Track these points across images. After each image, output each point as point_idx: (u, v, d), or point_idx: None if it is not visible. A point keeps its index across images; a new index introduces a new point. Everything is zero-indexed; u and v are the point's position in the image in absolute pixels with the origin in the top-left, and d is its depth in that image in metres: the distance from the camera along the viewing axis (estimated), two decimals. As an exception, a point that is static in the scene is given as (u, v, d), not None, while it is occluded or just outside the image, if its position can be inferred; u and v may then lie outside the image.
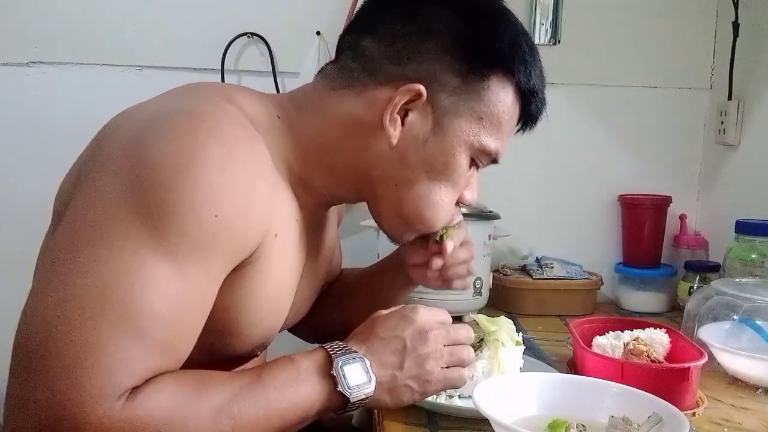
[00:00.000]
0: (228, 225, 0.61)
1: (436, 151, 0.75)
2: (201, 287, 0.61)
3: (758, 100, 1.32)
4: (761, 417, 0.84)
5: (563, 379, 0.78)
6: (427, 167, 0.75)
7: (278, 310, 0.76)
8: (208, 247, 0.60)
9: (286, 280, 0.75)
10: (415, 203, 0.77)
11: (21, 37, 1.39)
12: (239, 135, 0.64)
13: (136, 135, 0.62)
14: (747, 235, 1.18)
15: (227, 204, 0.60)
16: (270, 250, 0.68)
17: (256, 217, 0.64)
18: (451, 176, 0.76)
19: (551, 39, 1.41)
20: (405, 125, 0.74)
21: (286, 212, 0.73)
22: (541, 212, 1.49)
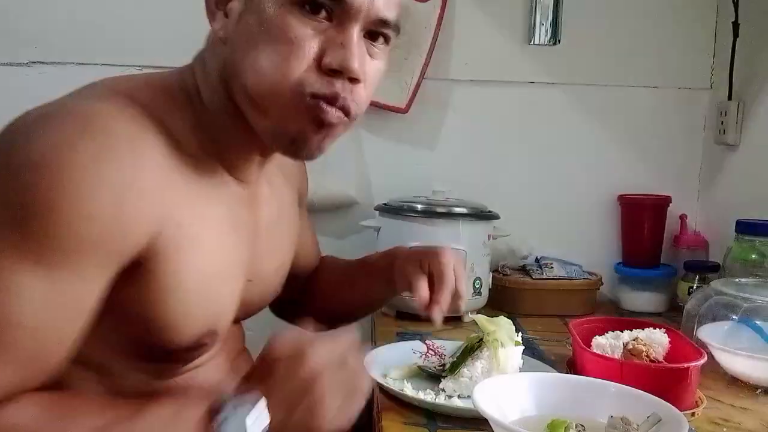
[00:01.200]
0: (99, 224, 0.58)
1: (252, 16, 0.66)
2: (74, 291, 0.59)
3: (758, 100, 1.32)
4: (760, 417, 0.84)
5: (562, 379, 0.78)
6: (248, 37, 0.66)
7: (215, 297, 0.71)
8: (77, 248, 0.58)
9: (217, 264, 0.71)
10: (250, 78, 0.66)
11: (21, 37, 1.39)
12: (118, 129, 0.61)
13: (6, 135, 0.61)
14: (747, 235, 1.18)
15: (96, 203, 0.58)
16: (175, 240, 0.65)
17: (138, 215, 0.61)
18: (273, 31, 0.65)
19: (551, 39, 1.41)
20: (228, 15, 0.68)
21: (198, 197, 0.69)
22: (541, 212, 1.49)
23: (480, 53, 1.46)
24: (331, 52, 0.65)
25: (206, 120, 0.71)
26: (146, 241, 0.63)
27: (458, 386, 0.84)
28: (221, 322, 0.74)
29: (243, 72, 0.67)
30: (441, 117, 1.48)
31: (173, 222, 0.65)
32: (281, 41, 0.65)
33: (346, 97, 0.67)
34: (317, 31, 0.65)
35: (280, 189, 0.86)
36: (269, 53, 0.65)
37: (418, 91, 1.42)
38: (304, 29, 0.65)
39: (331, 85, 0.66)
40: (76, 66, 1.40)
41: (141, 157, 0.62)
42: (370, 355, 0.92)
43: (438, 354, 0.97)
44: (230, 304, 0.75)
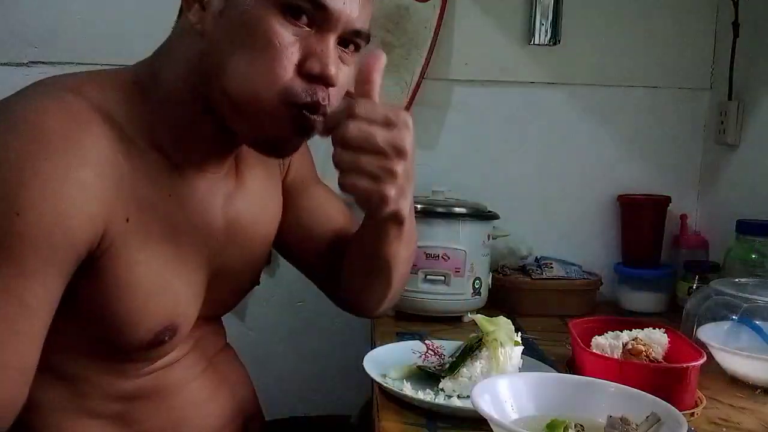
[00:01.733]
0: (36, 222, 0.58)
1: (234, 16, 0.66)
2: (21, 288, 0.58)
3: (758, 100, 1.32)
4: (760, 417, 0.84)
5: (562, 379, 0.78)
6: (231, 38, 0.66)
7: (169, 291, 0.70)
8: (16, 244, 0.57)
9: (170, 259, 0.70)
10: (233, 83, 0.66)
11: (21, 37, 1.39)
12: (52, 125, 0.60)
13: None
14: (747, 235, 1.18)
15: (30, 200, 0.58)
16: (123, 235, 0.65)
17: (79, 210, 0.60)
18: (255, 37, 0.65)
19: (551, 39, 1.41)
20: (205, 8, 0.67)
21: (146, 191, 0.68)
22: (541, 212, 1.49)
23: (480, 53, 1.46)
24: (312, 58, 0.66)
25: (164, 113, 0.71)
26: (92, 236, 0.62)
27: (458, 386, 0.84)
28: (181, 317, 0.73)
29: (224, 74, 0.66)
30: (441, 117, 1.48)
31: (120, 217, 0.65)
32: (266, 47, 0.65)
33: (326, 105, 0.68)
34: (298, 36, 0.66)
35: (254, 180, 0.83)
36: (254, 59, 0.65)
37: (418, 91, 1.42)
38: (287, 35, 0.66)
39: (314, 94, 0.67)
40: (76, 66, 1.40)
41: (78, 152, 0.61)
42: (369, 355, 0.92)
43: (437, 354, 0.97)
44: (190, 298, 0.74)
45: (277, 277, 1.47)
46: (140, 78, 0.71)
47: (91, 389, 0.70)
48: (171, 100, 0.70)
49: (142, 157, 0.68)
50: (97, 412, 0.71)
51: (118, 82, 0.70)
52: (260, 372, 0.97)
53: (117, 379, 0.72)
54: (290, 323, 1.52)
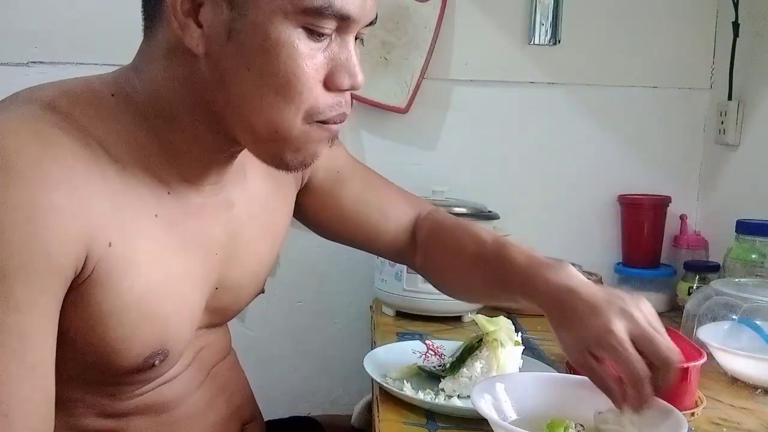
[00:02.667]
0: (16, 251, 0.53)
1: (247, 39, 0.59)
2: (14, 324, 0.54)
3: (758, 100, 1.32)
4: (760, 417, 0.84)
5: (562, 379, 0.78)
6: (247, 63, 0.60)
7: (160, 316, 0.66)
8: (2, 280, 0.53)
9: (161, 283, 0.65)
10: (255, 113, 0.62)
11: (21, 37, 1.39)
12: (19, 147, 0.55)
13: None
14: (747, 235, 1.18)
15: (6, 229, 0.53)
16: (107, 261, 0.60)
17: (57, 235, 0.55)
18: (279, 62, 0.60)
19: (551, 39, 1.41)
20: (203, 27, 0.60)
21: (128, 212, 0.62)
22: (541, 212, 1.50)
23: (480, 53, 1.46)
24: (340, 72, 0.63)
25: (153, 130, 0.65)
26: (75, 260, 0.58)
27: (458, 386, 0.84)
28: (172, 340, 0.68)
29: (245, 105, 0.62)
30: (441, 117, 1.48)
31: (101, 242, 0.59)
32: (294, 73, 0.60)
33: (348, 110, 0.65)
34: (322, 50, 0.62)
35: (252, 186, 0.78)
36: (280, 90, 0.60)
37: (418, 91, 1.42)
38: (314, 55, 0.61)
39: (339, 106, 0.64)
40: (76, 66, 1.40)
41: (48, 175, 0.56)
42: (369, 355, 0.92)
43: (437, 354, 0.97)
44: (183, 320, 0.70)
45: (277, 277, 1.47)
46: (121, 90, 0.65)
47: (84, 409, 0.68)
48: (163, 117, 0.65)
49: (122, 175, 0.62)
50: (89, 429, 0.69)
51: (94, 95, 0.64)
52: (260, 372, 0.97)
53: (111, 400, 0.69)
54: (290, 323, 1.52)
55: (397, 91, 1.41)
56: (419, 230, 0.91)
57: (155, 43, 0.65)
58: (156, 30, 0.64)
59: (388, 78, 1.40)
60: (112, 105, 0.64)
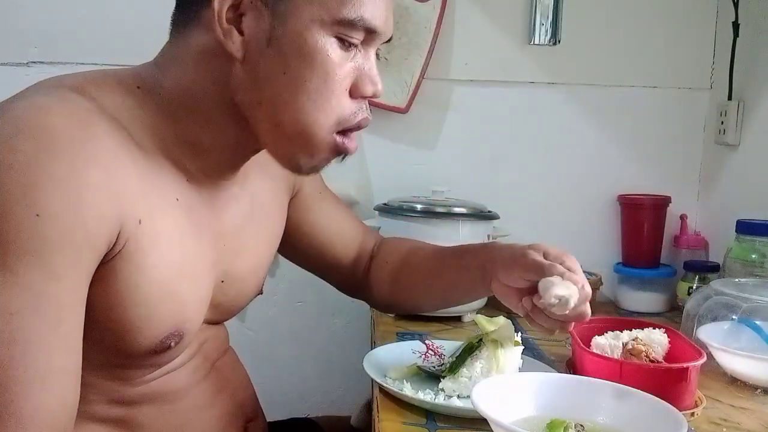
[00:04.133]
0: (57, 223, 0.56)
1: (285, 45, 0.65)
2: (51, 294, 0.57)
3: (758, 100, 1.32)
4: (760, 417, 0.84)
5: (562, 379, 0.78)
6: (284, 68, 0.66)
7: (178, 296, 0.69)
8: (42, 249, 0.56)
9: (177, 264, 0.69)
10: (286, 114, 0.67)
11: (21, 37, 1.39)
12: (58, 125, 0.59)
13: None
14: (747, 235, 1.18)
15: (47, 202, 0.56)
16: (136, 237, 0.63)
17: (95, 209, 0.59)
18: (314, 68, 0.66)
19: (551, 39, 1.41)
20: (244, 34, 0.66)
21: (155, 194, 0.67)
22: (541, 212, 1.50)
23: (480, 53, 1.46)
24: (363, 80, 0.69)
25: (172, 119, 0.69)
26: (109, 236, 0.61)
27: (458, 386, 0.84)
28: (187, 323, 0.72)
29: (278, 106, 0.67)
30: (441, 117, 1.48)
31: (133, 219, 0.63)
32: (326, 80, 0.66)
33: (369, 115, 0.72)
34: (350, 59, 0.68)
35: (255, 186, 0.83)
36: (312, 92, 0.66)
37: (418, 91, 1.42)
38: (344, 64, 0.67)
39: (362, 113, 0.70)
40: (76, 66, 1.40)
41: (85, 151, 0.59)
42: (369, 355, 0.92)
43: (437, 354, 0.97)
44: (197, 304, 0.73)
45: (277, 277, 1.47)
46: (145, 84, 0.70)
47: (95, 394, 0.70)
48: (190, 113, 0.69)
49: (147, 160, 0.67)
50: (100, 416, 0.71)
51: (119, 85, 0.69)
52: (260, 372, 0.97)
53: (121, 385, 0.71)
54: (290, 323, 1.52)
55: (397, 91, 1.41)
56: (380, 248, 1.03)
57: (186, 44, 0.69)
58: (189, 33, 0.69)
59: (388, 78, 1.40)
60: (138, 96, 0.69)
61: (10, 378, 0.55)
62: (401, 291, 1.00)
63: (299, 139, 0.69)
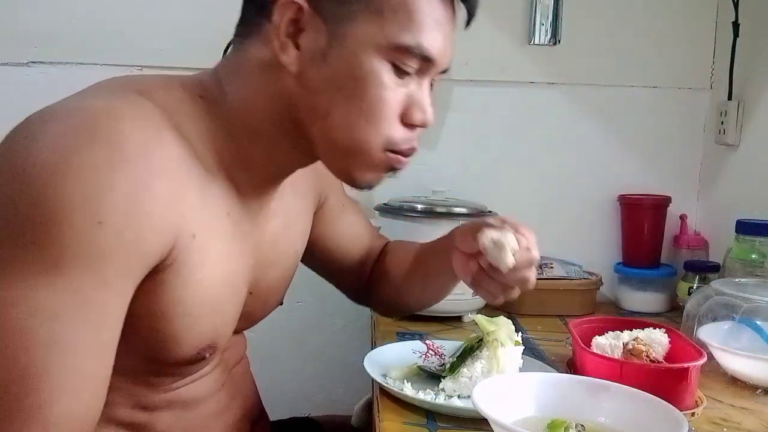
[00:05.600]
0: (116, 232, 0.56)
1: (340, 65, 0.65)
2: (98, 301, 0.56)
3: (758, 100, 1.32)
4: (760, 417, 0.84)
5: (562, 379, 0.78)
6: (338, 87, 0.66)
7: (219, 310, 0.70)
8: (95, 256, 0.55)
9: (223, 279, 0.69)
10: (339, 131, 0.68)
11: (21, 37, 1.39)
12: (130, 132, 0.58)
13: (13, 140, 0.58)
14: (747, 235, 1.18)
15: (110, 210, 0.55)
16: (188, 251, 0.63)
17: (154, 221, 0.58)
18: (367, 90, 0.66)
19: (551, 39, 1.41)
20: (301, 49, 0.65)
21: (209, 208, 0.67)
22: (541, 212, 1.49)
23: (480, 53, 1.46)
24: (414, 108, 0.69)
25: (229, 132, 0.69)
26: (163, 249, 0.61)
27: (458, 386, 0.84)
28: (221, 335, 0.72)
29: (330, 122, 0.67)
30: (441, 117, 1.48)
31: (187, 232, 0.63)
32: (378, 102, 0.67)
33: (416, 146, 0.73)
34: (403, 86, 0.68)
35: (287, 201, 0.84)
36: (363, 112, 0.67)
37: (418, 91, 1.42)
38: (397, 90, 0.68)
39: (411, 140, 0.71)
40: (76, 66, 1.40)
41: (153, 163, 0.59)
42: (369, 355, 0.92)
43: (438, 354, 0.97)
44: (231, 316, 0.74)
45: (277, 277, 1.47)
46: (207, 93, 0.70)
47: (121, 398, 0.69)
48: (247, 127, 0.69)
49: (205, 172, 0.67)
50: (121, 420, 0.70)
51: (184, 92, 0.69)
52: (260, 372, 0.97)
53: (148, 391, 0.71)
54: (290, 323, 1.52)
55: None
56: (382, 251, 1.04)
57: (246, 57, 0.69)
58: (249, 46, 0.69)
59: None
60: (200, 105, 0.68)
61: (43, 381, 0.54)
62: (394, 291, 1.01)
63: (352, 155, 0.69)
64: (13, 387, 0.53)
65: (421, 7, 0.66)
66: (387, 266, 1.02)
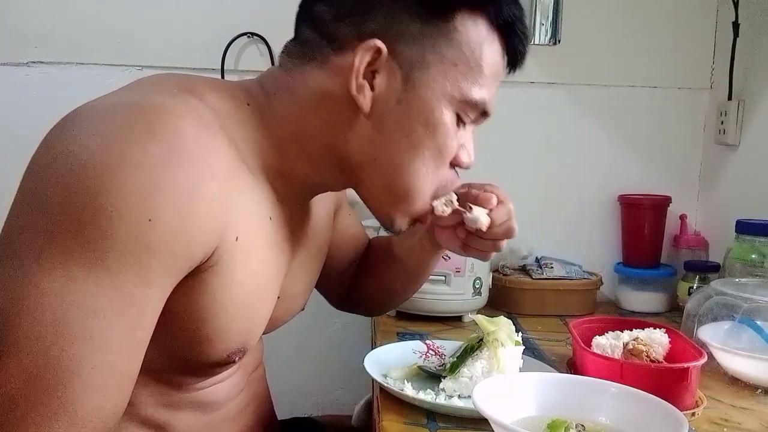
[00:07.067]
0: (165, 230, 0.55)
1: (413, 111, 0.67)
2: (139, 298, 0.56)
3: (758, 100, 1.32)
4: (761, 417, 0.84)
5: (563, 379, 0.78)
6: (406, 132, 0.68)
7: (252, 314, 0.70)
8: (143, 254, 0.55)
9: (260, 282, 0.70)
10: (399, 177, 0.70)
11: (21, 37, 1.39)
12: (188, 131, 0.58)
13: (68, 131, 0.58)
14: (747, 235, 1.18)
15: (162, 208, 0.55)
16: (230, 254, 0.63)
17: (203, 222, 0.58)
18: (435, 138, 0.69)
19: (551, 39, 1.41)
20: (374, 89, 0.67)
21: (252, 212, 0.67)
22: (541, 212, 1.49)
23: (480, 53, 1.45)
24: (463, 152, 0.74)
25: (274, 142, 0.70)
26: (207, 251, 0.60)
27: (458, 386, 0.84)
28: (251, 339, 0.72)
29: (390, 164, 0.69)
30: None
31: (232, 234, 0.63)
32: (441, 151, 0.70)
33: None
34: (459, 133, 0.72)
35: (315, 210, 0.85)
36: (427, 159, 0.69)
37: (418, 91, 1.42)
38: (456, 138, 0.71)
39: (456, 181, 0.75)
40: (76, 66, 1.40)
41: (208, 164, 0.59)
42: (370, 355, 0.92)
43: (438, 354, 0.97)
44: (262, 321, 0.74)
45: (277, 277, 1.47)
46: (254, 102, 0.70)
47: (146, 396, 0.69)
48: (296, 142, 0.70)
49: (251, 176, 0.67)
50: (143, 418, 0.70)
51: (231, 96, 0.69)
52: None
53: (173, 390, 0.71)
54: (290, 323, 1.51)
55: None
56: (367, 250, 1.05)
57: (303, 80, 0.69)
58: (310, 72, 0.69)
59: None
60: (246, 112, 0.69)
61: (74, 376, 0.53)
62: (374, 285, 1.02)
63: (404, 200, 0.71)
64: (43, 379, 0.52)
65: (490, 64, 0.70)
66: (368, 262, 1.03)
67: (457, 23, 0.67)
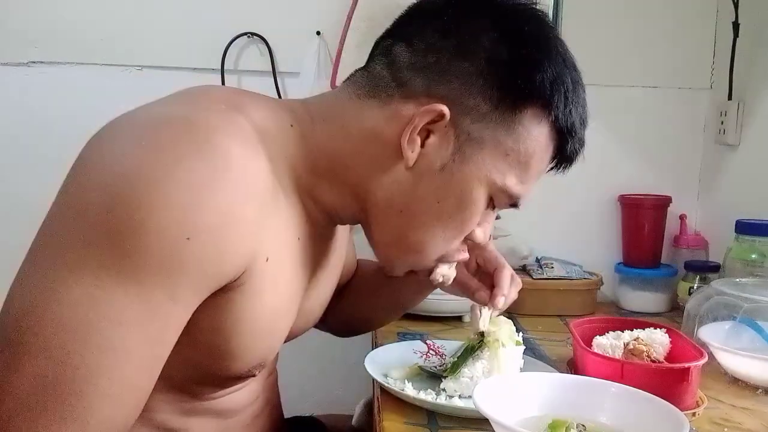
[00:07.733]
0: (200, 250, 0.55)
1: (453, 181, 0.68)
2: (165, 314, 0.56)
3: (758, 100, 1.32)
4: (761, 417, 0.84)
5: (563, 379, 0.78)
6: (439, 197, 0.69)
7: (275, 330, 0.71)
8: (175, 271, 0.55)
9: (284, 301, 0.70)
10: (416, 234, 0.71)
11: (21, 37, 1.39)
12: (233, 150, 0.58)
13: (114, 139, 0.58)
14: (747, 235, 1.18)
15: (201, 228, 0.55)
16: (260, 274, 0.63)
17: (237, 244, 0.58)
18: (464, 212, 0.70)
19: (551, 39, 1.41)
20: (424, 148, 0.68)
21: (284, 232, 0.68)
22: (541, 212, 1.49)
23: (480, 53, 1.45)
24: (480, 231, 0.74)
25: (311, 166, 0.70)
26: (237, 270, 0.60)
27: (459, 386, 0.84)
28: (271, 353, 0.73)
29: (414, 220, 0.70)
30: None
31: (263, 255, 0.63)
32: (463, 224, 0.71)
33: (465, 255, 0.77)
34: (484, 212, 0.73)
35: (340, 231, 0.85)
36: (449, 228, 0.71)
37: (418, 91, 1.42)
38: (480, 215, 0.72)
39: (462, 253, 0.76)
40: (76, 66, 1.40)
41: (248, 186, 0.59)
42: (370, 355, 0.92)
43: (438, 354, 0.97)
44: (282, 336, 0.74)
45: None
46: (298, 124, 0.70)
47: (164, 404, 0.69)
48: (333, 170, 0.70)
49: (285, 197, 0.68)
50: (159, 424, 0.70)
51: (275, 117, 0.69)
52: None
53: (190, 398, 0.71)
54: (290, 323, 1.52)
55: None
56: None
57: (358, 113, 0.70)
58: (367, 109, 0.69)
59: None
60: (289, 134, 0.69)
61: (91, 386, 0.53)
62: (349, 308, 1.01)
63: (411, 255, 0.73)
64: (59, 385, 0.52)
65: (537, 162, 0.71)
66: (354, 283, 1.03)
67: (524, 118, 0.68)
